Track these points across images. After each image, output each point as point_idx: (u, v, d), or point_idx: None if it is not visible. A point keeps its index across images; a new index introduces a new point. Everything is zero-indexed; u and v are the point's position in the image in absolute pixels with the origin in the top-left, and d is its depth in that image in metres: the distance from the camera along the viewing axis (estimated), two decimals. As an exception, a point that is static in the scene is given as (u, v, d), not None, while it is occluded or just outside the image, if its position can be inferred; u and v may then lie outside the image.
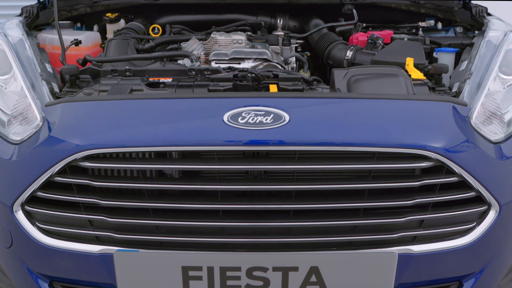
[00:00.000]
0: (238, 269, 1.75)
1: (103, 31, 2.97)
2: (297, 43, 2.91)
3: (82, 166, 1.72)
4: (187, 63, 2.39)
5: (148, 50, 2.63)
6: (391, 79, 2.01)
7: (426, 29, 2.92)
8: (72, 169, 1.74)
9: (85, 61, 2.34)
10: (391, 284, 1.79)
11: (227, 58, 2.43)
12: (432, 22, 2.95)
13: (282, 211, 1.77)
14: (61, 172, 1.73)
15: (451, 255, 1.81)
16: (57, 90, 2.07)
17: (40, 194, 1.76)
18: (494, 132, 1.87)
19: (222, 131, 1.70)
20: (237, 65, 2.36)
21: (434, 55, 2.58)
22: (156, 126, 1.75)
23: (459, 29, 2.87)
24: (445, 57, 2.52)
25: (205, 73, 2.10)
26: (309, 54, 2.91)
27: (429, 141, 1.73)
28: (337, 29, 2.91)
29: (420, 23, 2.92)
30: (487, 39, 2.28)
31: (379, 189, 1.76)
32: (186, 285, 1.76)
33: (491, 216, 1.81)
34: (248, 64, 2.42)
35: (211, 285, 1.76)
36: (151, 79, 2.11)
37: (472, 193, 1.77)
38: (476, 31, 2.67)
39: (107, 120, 1.79)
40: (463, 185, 1.77)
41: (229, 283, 1.76)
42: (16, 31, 2.34)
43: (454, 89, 2.09)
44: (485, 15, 2.71)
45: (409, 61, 2.24)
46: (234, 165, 1.72)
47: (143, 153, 1.75)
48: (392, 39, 2.67)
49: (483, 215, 1.82)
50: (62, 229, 1.80)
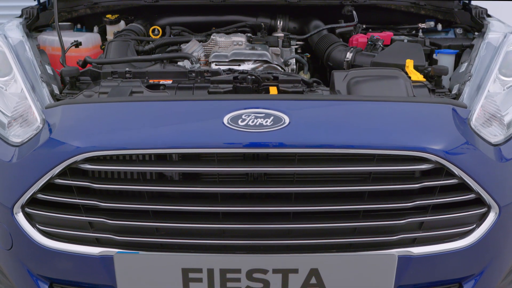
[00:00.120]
0: (238, 271, 1.75)
1: (103, 33, 2.97)
2: (297, 45, 2.91)
3: (82, 168, 1.72)
4: (187, 64, 2.39)
5: (148, 51, 2.63)
6: (391, 81, 2.02)
7: (426, 31, 2.92)
8: (72, 171, 1.74)
9: (85, 63, 2.34)
10: (391, 286, 1.79)
11: (227, 59, 2.43)
12: (432, 23, 2.95)
13: (282, 213, 1.77)
14: (61, 174, 1.73)
15: (451, 257, 1.81)
16: (57, 92, 2.07)
17: (40, 196, 1.77)
18: (493, 134, 1.87)
19: (222, 133, 1.70)
20: (237, 67, 2.36)
21: (434, 56, 2.58)
22: (156, 128, 1.75)
23: (459, 31, 2.88)
24: (445, 58, 2.52)
25: (205, 75, 2.10)
26: (309, 55, 2.91)
27: (429, 143, 1.73)
28: (337, 31, 2.92)
29: (420, 25, 2.92)
30: (487, 41, 2.28)
31: (379, 191, 1.76)
32: (186, 287, 1.77)
33: (491, 218, 1.81)
34: (248, 65, 2.42)
35: (211, 287, 1.76)
36: (151, 81, 2.11)
37: (471, 195, 1.78)
38: (476, 33, 2.68)
39: (107, 122, 1.80)
40: (463, 187, 1.77)
41: (229, 285, 1.76)
42: (16, 32, 2.34)
43: (454, 91, 2.09)
44: (485, 17, 2.71)
45: (409, 63, 2.24)
46: (234, 167, 1.72)
47: (143, 155, 1.75)
48: (392, 41, 2.68)
49: (483, 217, 1.82)
50: (62, 231, 1.80)
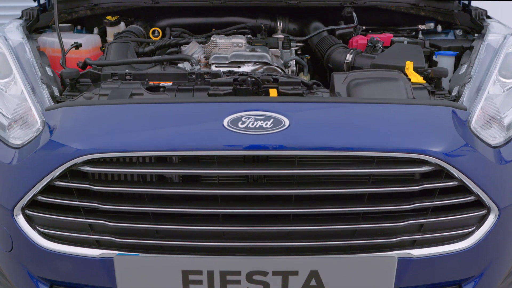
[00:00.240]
0: (238, 273, 1.75)
1: (103, 34, 2.96)
2: (297, 46, 2.90)
3: (82, 170, 1.72)
4: (187, 66, 2.39)
5: (148, 53, 2.63)
6: (391, 83, 2.02)
7: (426, 32, 2.91)
8: (72, 174, 1.74)
9: (85, 65, 2.34)
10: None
11: (227, 61, 2.43)
12: (431, 25, 2.95)
13: (281, 216, 1.77)
14: (62, 176, 1.73)
15: (451, 259, 1.82)
16: (57, 93, 2.07)
17: (40, 198, 1.77)
18: (493, 136, 1.87)
19: (222, 135, 1.70)
20: (237, 69, 2.36)
21: (433, 58, 2.58)
22: (156, 130, 1.75)
23: (458, 32, 2.88)
24: (445, 60, 2.52)
25: (205, 77, 2.11)
26: (309, 57, 2.90)
27: (429, 145, 1.73)
28: (337, 32, 2.91)
29: (420, 26, 2.92)
30: (487, 43, 2.28)
31: (378, 194, 1.76)
32: (186, 289, 1.77)
33: (491, 220, 1.82)
34: (248, 67, 2.41)
35: (211, 289, 1.77)
36: (151, 83, 2.11)
37: (471, 197, 1.78)
38: (475, 34, 2.68)
39: (107, 124, 1.80)
40: (463, 189, 1.77)
41: (229, 287, 1.77)
42: (16, 34, 2.33)
43: (453, 93, 2.09)
44: (485, 18, 2.71)
45: (409, 65, 2.24)
46: (234, 169, 1.72)
47: (143, 157, 1.75)
48: (392, 42, 2.68)
49: (483, 219, 1.82)
50: (62, 233, 1.80)
